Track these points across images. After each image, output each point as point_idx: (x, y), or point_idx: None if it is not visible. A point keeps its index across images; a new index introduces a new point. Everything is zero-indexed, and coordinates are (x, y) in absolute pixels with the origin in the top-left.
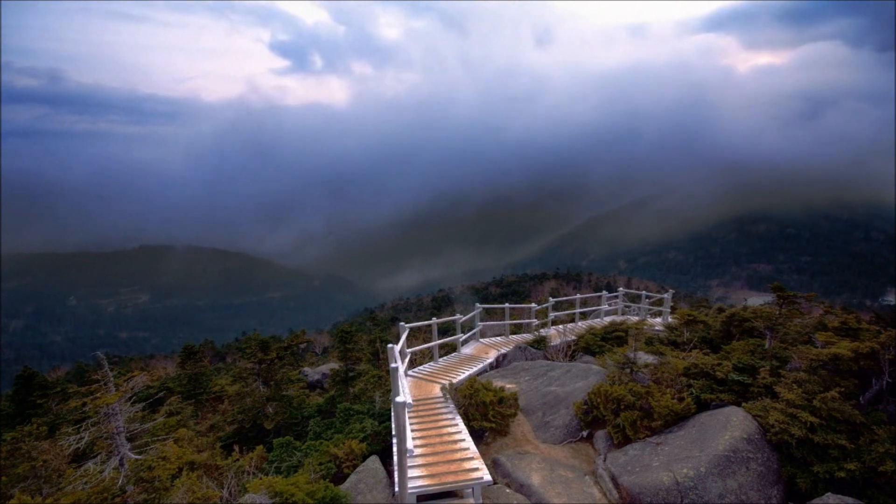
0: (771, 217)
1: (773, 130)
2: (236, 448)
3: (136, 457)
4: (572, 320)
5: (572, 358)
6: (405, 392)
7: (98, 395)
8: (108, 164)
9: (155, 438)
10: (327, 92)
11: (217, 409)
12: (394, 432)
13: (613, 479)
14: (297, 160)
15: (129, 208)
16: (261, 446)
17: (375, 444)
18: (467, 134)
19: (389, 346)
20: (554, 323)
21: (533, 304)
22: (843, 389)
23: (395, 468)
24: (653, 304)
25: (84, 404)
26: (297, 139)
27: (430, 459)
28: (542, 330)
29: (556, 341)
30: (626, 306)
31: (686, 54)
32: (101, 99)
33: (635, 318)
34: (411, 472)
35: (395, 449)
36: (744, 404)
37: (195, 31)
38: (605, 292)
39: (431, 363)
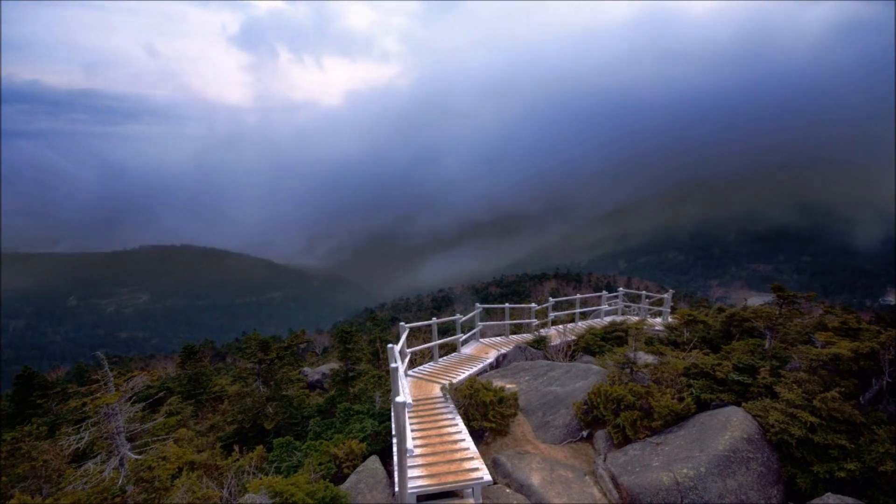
0: (771, 217)
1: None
2: (236, 448)
3: (136, 457)
4: (572, 320)
5: (572, 358)
6: (405, 392)
7: (98, 395)
8: (102, 164)
9: (155, 438)
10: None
11: (217, 409)
12: (394, 432)
13: (613, 479)
14: (304, 159)
15: (129, 209)
16: (261, 446)
17: (375, 444)
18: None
19: (389, 346)
20: (554, 323)
21: (533, 304)
22: (843, 389)
23: (395, 468)
24: (653, 304)
25: (84, 404)
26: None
27: (430, 459)
28: (542, 330)
29: (556, 341)
30: (626, 306)
31: None
32: (40, 96)
33: (635, 318)
34: (411, 472)
35: (395, 449)
36: (744, 404)
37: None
38: (605, 292)
39: (431, 363)
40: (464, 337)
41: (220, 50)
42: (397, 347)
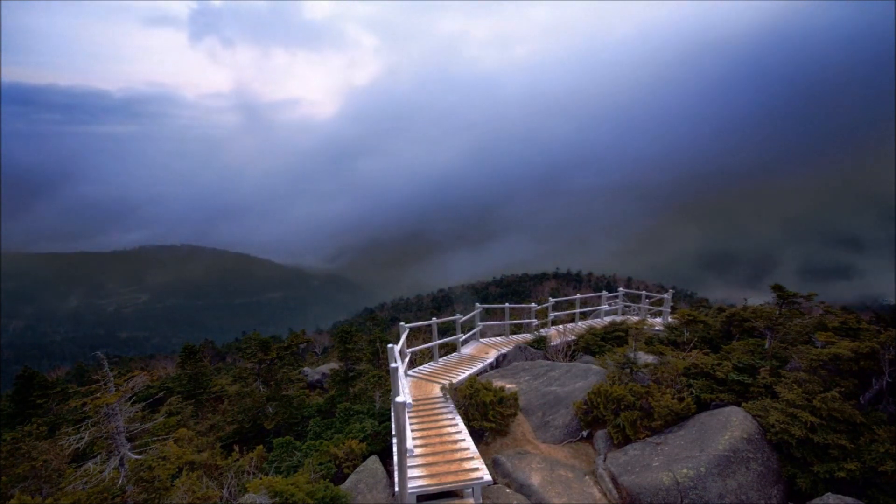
0: (772, 217)
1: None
2: (236, 448)
3: (136, 457)
4: (572, 320)
5: (572, 358)
6: (405, 392)
7: (98, 395)
8: (92, 165)
9: (155, 438)
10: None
11: (217, 409)
12: (394, 432)
13: (613, 479)
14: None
15: (129, 208)
16: (261, 446)
17: (375, 444)
18: None
19: (389, 346)
20: (554, 323)
21: (533, 304)
22: (843, 389)
23: (395, 468)
24: (653, 303)
25: (84, 404)
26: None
27: (430, 459)
28: (542, 330)
29: (556, 341)
30: (626, 306)
31: None
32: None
33: (635, 318)
34: (411, 472)
35: (395, 449)
36: (744, 404)
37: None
38: (605, 292)
39: (431, 363)
40: (464, 337)
41: (169, 40)
42: (397, 347)
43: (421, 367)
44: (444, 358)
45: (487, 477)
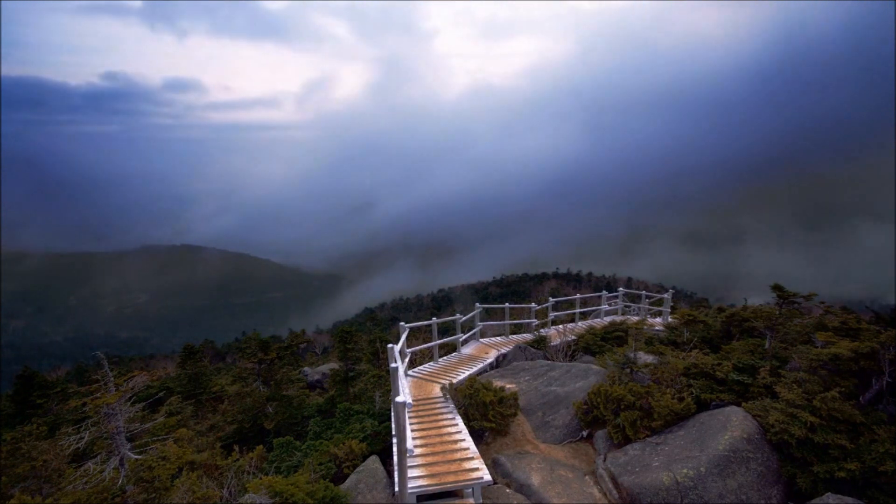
0: (769, 216)
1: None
2: (236, 448)
3: (136, 457)
4: (572, 320)
5: (572, 358)
6: (405, 392)
7: (98, 395)
8: (88, 164)
9: (155, 438)
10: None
11: (217, 409)
12: (394, 432)
13: (613, 479)
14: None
15: (128, 208)
16: (261, 446)
17: (375, 444)
18: None
19: (389, 345)
20: (554, 323)
21: (533, 304)
22: (843, 389)
23: (395, 468)
24: (653, 303)
25: (84, 404)
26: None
27: (430, 459)
28: (542, 330)
29: (556, 341)
30: (626, 306)
31: None
32: None
33: (635, 318)
34: (411, 472)
35: (395, 449)
36: (744, 404)
37: None
38: (605, 292)
39: (431, 363)
40: (464, 337)
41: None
42: (397, 347)
43: (421, 367)
44: (444, 358)
45: (487, 477)
